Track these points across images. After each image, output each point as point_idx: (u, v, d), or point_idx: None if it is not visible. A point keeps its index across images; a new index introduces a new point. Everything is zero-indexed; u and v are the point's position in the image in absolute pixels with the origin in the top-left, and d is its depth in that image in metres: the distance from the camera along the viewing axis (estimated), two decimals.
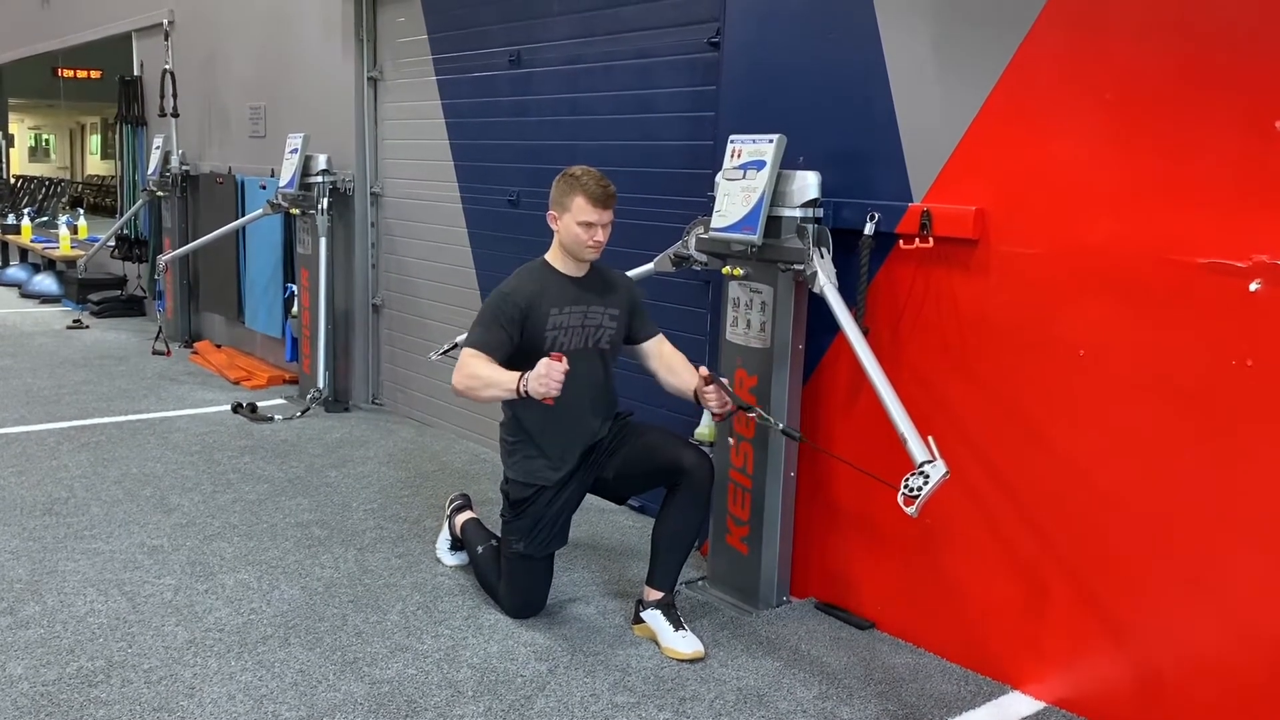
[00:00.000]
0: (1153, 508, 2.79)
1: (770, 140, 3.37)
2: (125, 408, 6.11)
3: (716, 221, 3.52)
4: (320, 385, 6.19)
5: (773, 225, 3.39)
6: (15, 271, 11.55)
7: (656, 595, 3.35)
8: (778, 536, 3.61)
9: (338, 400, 6.34)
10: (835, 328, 3.23)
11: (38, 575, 3.70)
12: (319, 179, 6.12)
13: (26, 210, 13.19)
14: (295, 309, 6.53)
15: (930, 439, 2.80)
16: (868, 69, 3.36)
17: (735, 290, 3.61)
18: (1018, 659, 3.12)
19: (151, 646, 3.20)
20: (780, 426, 3.30)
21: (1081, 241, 2.88)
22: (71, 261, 10.27)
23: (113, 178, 13.43)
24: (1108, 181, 2.82)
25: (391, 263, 6.24)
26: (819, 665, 3.24)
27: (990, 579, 3.17)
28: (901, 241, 3.26)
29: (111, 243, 9.34)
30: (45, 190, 17.73)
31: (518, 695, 3.00)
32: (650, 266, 3.95)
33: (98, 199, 18.82)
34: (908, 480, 2.71)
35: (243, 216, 7.10)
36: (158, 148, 8.26)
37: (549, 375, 3.04)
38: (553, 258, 3.40)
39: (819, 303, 3.31)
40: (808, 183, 3.37)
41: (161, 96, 8.04)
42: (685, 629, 3.30)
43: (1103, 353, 2.85)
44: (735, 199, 3.45)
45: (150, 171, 8.34)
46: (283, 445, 5.43)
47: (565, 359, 3.07)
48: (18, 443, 5.29)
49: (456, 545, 3.89)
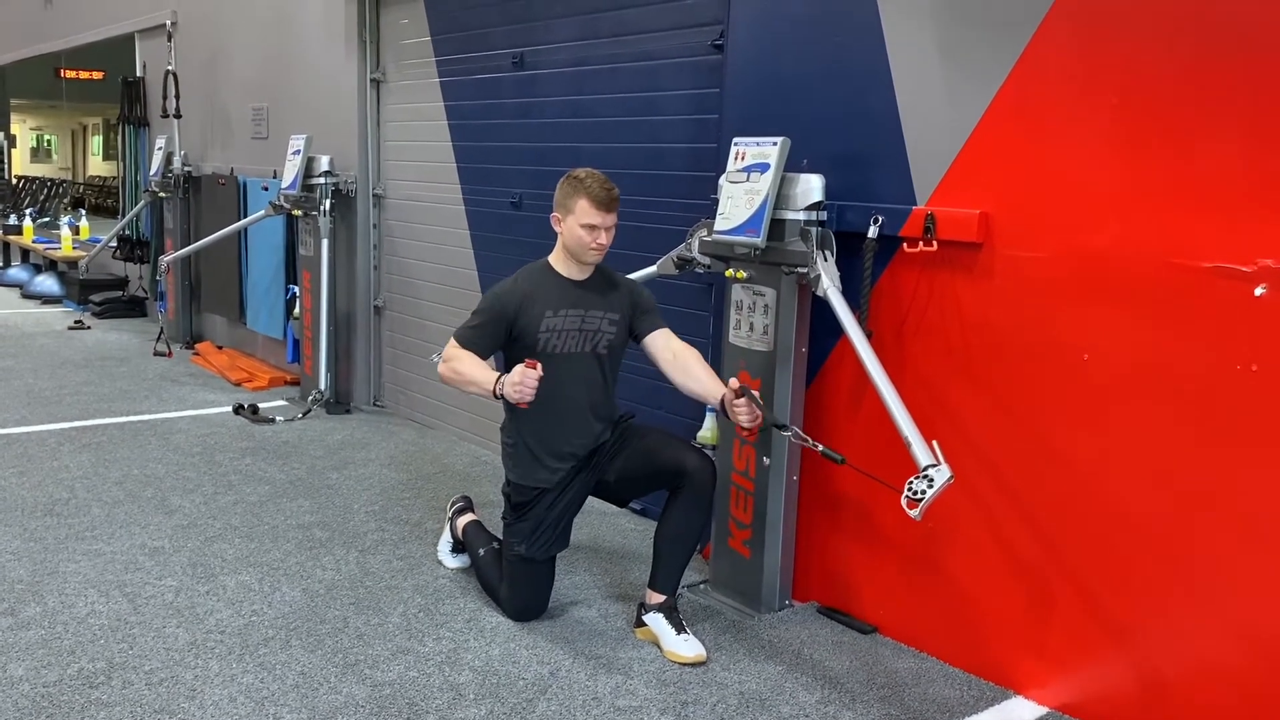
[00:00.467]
0: (1156, 512, 2.78)
1: (774, 143, 3.37)
2: (126, 409, 6.10)
3: (720, 224, 3.52)
4: (322, 387, 6.18)
5: (776, 228, 3.39)
6: (17, 272, 11.55)
7: (658, 598, 3.34)
8: (780, 540, 3.60)
9: (339, 402, 6.34)
10: (839, 331, 3.23)
11: (39, 576, 3.69)
12: (321, 180, 6.12)
13: (28, 211, 13.20)
14: (297, 310, 6.53)
15: (934, 443, 2.80)
16: (872, 72, 3.35)
17: (738, 293, 3.60)
18: (1021, 663, 3.12)
19: (152, 648, 3.20)
20: (820, 448, 3.07)
21: (1086, 245, 2.87)
22: (73, 262, 10.28)
23: (114, 178, 13.43)
24: (1112, 185, 2.81)
25: (393, 264, 6.24)
26: (821, 669, 3.23)
27: (993, 583, 3.16)
28: (905, 245, 3.25)
29: (113, 243, 9.35)
30: (47, 191, 17.75)
31: (519, 698, 2.99)
32: (653, 269, 3.95)
33: (99, 200, 18.82)
34: (911, 484, 2.70)
35: (245, 218, 7.10)
36: (160, 148, 8.26)
37: (522, 383, 3.07)
38: (555, 260, 3.40)
39: (822, 306, 3.31)
40: (811, 186, 3.37)
41: (164, 97, 8.04)
42: (687, 632, 3.29)
43: (1107, 357, 2.85)
44: (739, 202, 3.44)
45: (152, 172, 8.34)
46: (284, 447, 5.43)
47: (540, 367, 3.09)
48: (19, 443, 5.29)
49: (458, 548, 3.89)
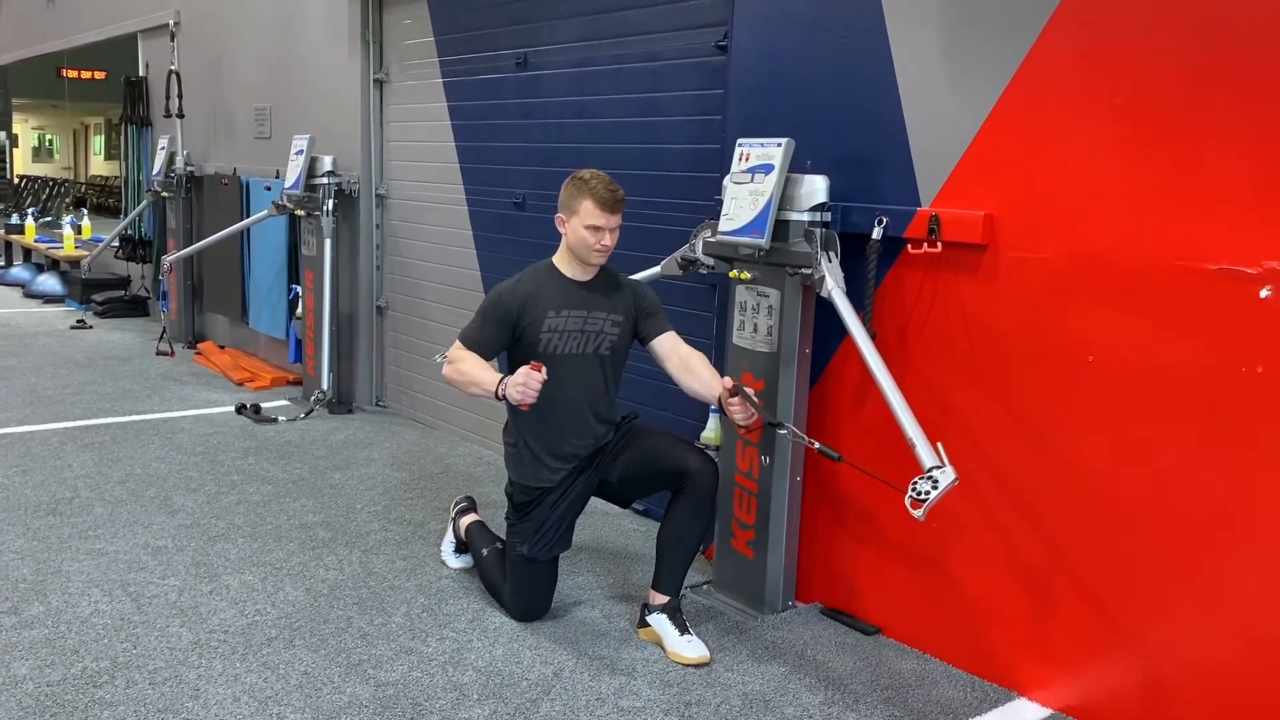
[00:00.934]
0: (1161, 515, 2.78)
1: (778, 144, 3.37)
2: (129, 408, 6.10)
3: (724, 225, 3.52)
4: (324, 387, 6.18)
5: (780, 229, 3.39)
6: (19, 271, 11.55)
7: (662, 599, 3.34)
8: (783, 541, 3.60)
9: (341, 402, 6.34)
10: (843, 332, 3.23)
11: (42, 575, 3.69)
12: (324, 180, 6.12)
13: (30, 210, 13.20)
14: (299, 310, 6.52)
15: (939, 444, 2.80)
16: (876, 72, 3.35)
17: (742, 294, 3.60)
18: (1024, 665, 3.12)
19: (156, 647, 3.20)
20: (816, 445, 3.10)
21: (1091, 247, 2.87)
22: (75, 262, 10.28)
23: (116, 178, 13.42)
24: (1118, 186, 2.81)
25: (396, 264, 6.24)
26: (825, 671, 3.23)
27: (997, 585, 3.16)
28: (910, 246, 3.25)
29: (115, 243, 9.35)
30: (49, 190, 17.74)
31: (523, 699, 2.99)
32: (657, 269, 3.95)
33: (101, 199, 18.82)
34: (916, 485, 2.70)
35: (247, 218, 7.10)
36: (163, 148, 8.27)
37: (526, 384, 3.07)
38: (559, 260, 3.40)
39: (826, 307, 3.31)
40: (816, 187, 3.37)
41: (167, 97, 8.04)
42: (690, 633, 3.29)
43: (1112, 359, 2.85)
44: (743, 202, 3.44)
45: (155, 172, 8.35)
46: (287, 447, 5.43)
47: (544, 369, 3.08)
48: (22, 443, 5.29)
49: (461, 548, 3.89)
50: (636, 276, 3.96)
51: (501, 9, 5.20)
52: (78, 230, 11.14)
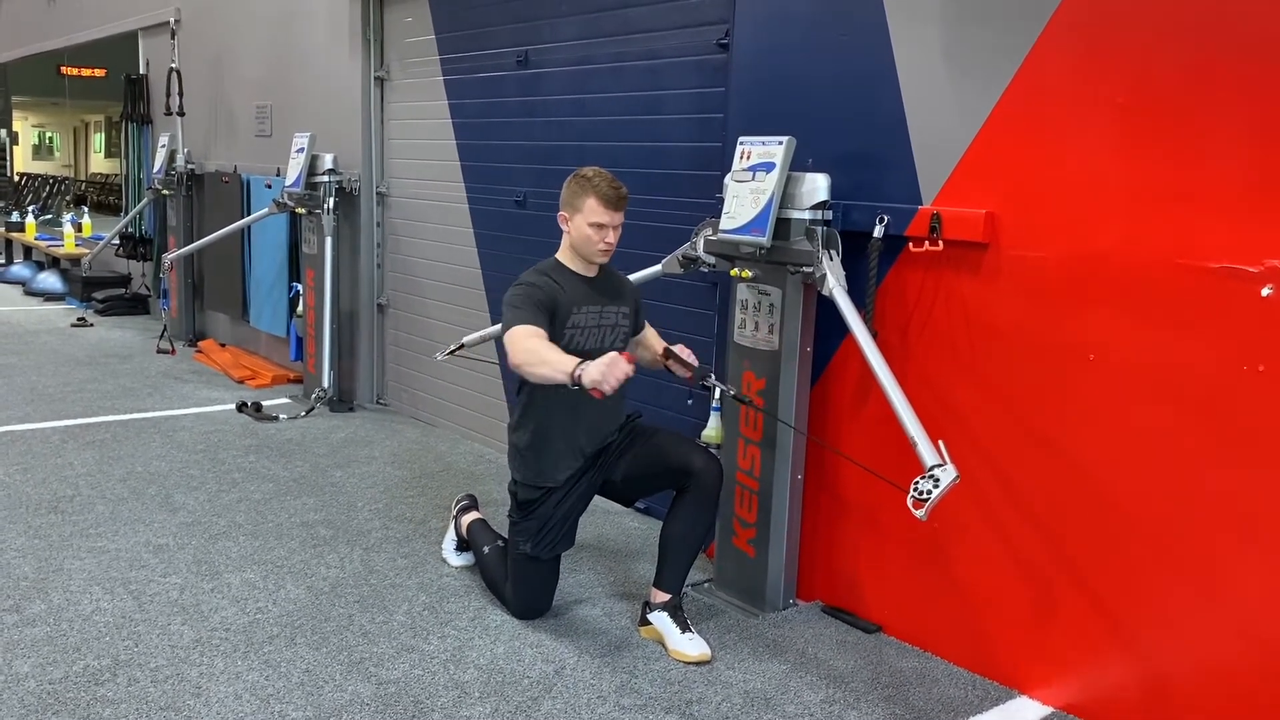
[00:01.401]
0: (1162, 513, 2.78)
1: (779, 142, 3.37)
2: (130, 406, 6.11)
3: (725, 223, 3.52)
4: (325, 385, 6.18)
5: (782, 227, 3.38)
6: (19, 269, 11.55)
7: (663, 597, 3.34)
8: (784, 539, 3.60)
9: (342, 400, 6.34)
10: (844, 330, 3.23)
11: (44, 573, 3.70)
12: (325, 178, 6.12)
13: (31, 208, 13.19)
14: (300, 308, 6.52)
15: (940, 443, 2.80)
16: (878, 71, 3.35)
17: (743, 292, 3.60)
18: (1025, 664, 3.12)
19: (158, 645, 3.20)
20: (731, 392, 3.42)
21: (1092, 245, 2.87)
22: (76, 259, 10.28)
23: (116, 176, 13.42)
24: (1119, 185, 2.81)
25: (397, 263, 6.24)
26: (826, 669, 3.23)
27: (998, 583, 3.16)
28: (911, 244, 3.25)
29: (116, 241, 9.35)
30: (49, 188, 17.72)
31: (524, 697, 2.99)
32: (658, 268, 3.95)
33: (101, 197, 18.80)
34: (917, 483, 2.70)
35: (248, 216, 7.10)
36: (163, 146, 8.26)
37: (611, 370, 2.88)
38: (565, 258, 3.39)
39: (827, 305, 3.31)
40: (817, 185, 3.37)
41: (167, 95, 8.03)
42: (692, 631, 3.29)
43: (1113, 357, 2.85)
44: (744, 201, 3.44)
45: (155, 170, 8.35)
46: (288, 445, 5.43)
47: (634, 364, 2.96)
48: (23, 440, 5.29)
49: (462, 546, 3.89)
50: (638, 275, 3.97)
51: (502, 7, 5.19)
52: (78, 228, 11.14)
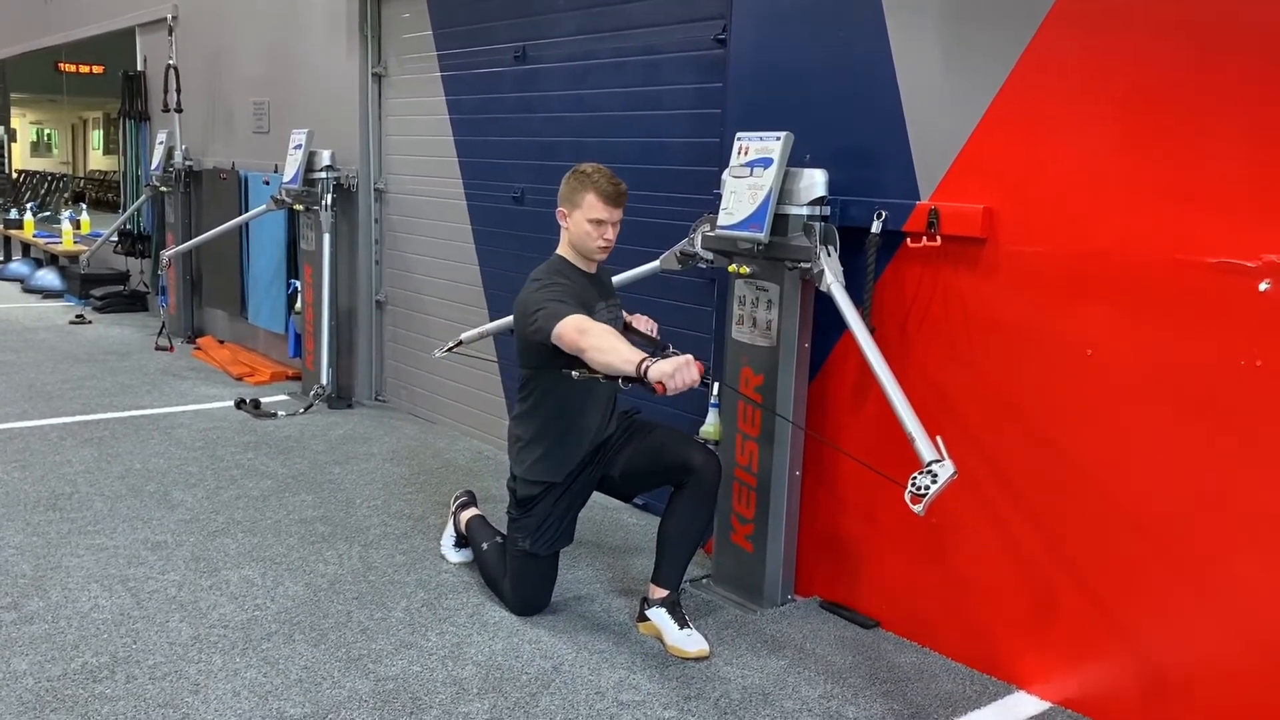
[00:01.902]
0: (1160, 508, 2.78)
1: (777, 138, 3.36)
2: (128, 403, 6.10)
3: (723, 219, 3.51)
4: (323, 381, 6.18)
5: (779, 223, 3.38)
6: (18, 266, 11.54)
7: (662, 593, 3.34)
8: (783, 535, 3.60)
9: (341, 396, 6.34)
10: (842, 326, 3.23)
11: (42, 571, 3.70)
12: (323, 175, 6.11)
13: (29, 205, 13.18)
14: (298, 305, 6.52)
15: (938, 438, 2.80)
16: (875, 66, 3.35)
17: (741, 288, 3.60)
18: (1023, 659, 3.12)
19: (156, 642, 3.20)
20: (685, 357, 3.10)
21: (1090, 241, 2.87)
22: (74, 257, 10.27)
23: (114, 173, 13.43)
24: (1117, 180, 2.81)
25: (395, 259, 6.23)
26: (824, 664, 3.23)
27: (997, 578, 3.16)
28: (909, 240, 3.25)
29: (114, 238, 9.34)
30: (48, 185, 17.71)
31: (522, 693, 2.99)
32: (656, 264, 3.95)
33: (100, 194, 18.80)
34: (915, 479, 2.69)
35: (246, 212, 7.10)
36: (161, 143, 8.25)
37: (683, 370, 2.77)
38: (568, 255, 3.38)
39: (825, 301, 3.31)
40: (815, 180, 3.36)
41: (165, 92, 8.02)
42: (690, 627, 3.29)
43: (1111, 352, 2.85)
44: (742, 196, 3.44)
45: (154, 167, 8.34)
46: (286, 441, 5.43)
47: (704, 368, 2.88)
48: (21, 438, 5.29)
49: (461, 542, 3.89)
50: (635, 271, 3.97)
51: (500, 2, 5.18)
52: (76, 225, 11.14)
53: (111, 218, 10.64)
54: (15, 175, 17.71)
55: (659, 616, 3.32)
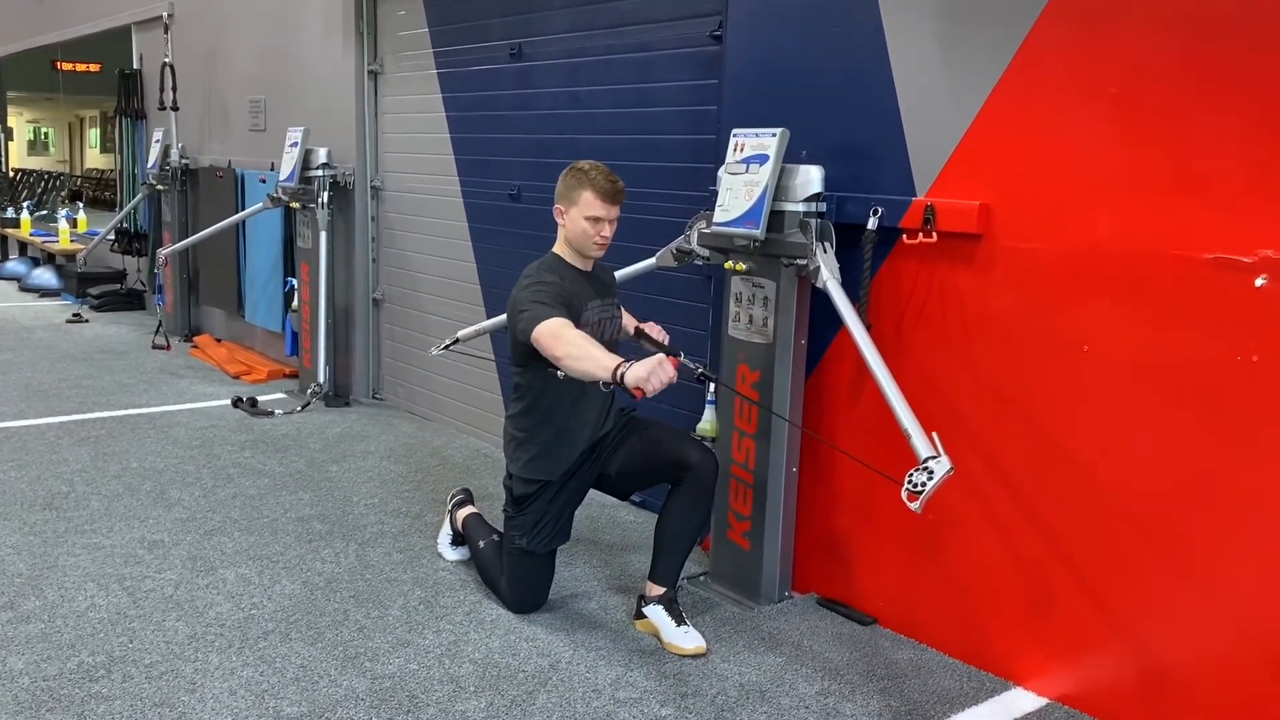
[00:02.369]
0: (1156, 504, 2.78)
1: (773, 134, 3.36)
2: (125, 402, 6.10)
3: (719, 216, 3.51)
4: (320, 380, 6.18)
5: (775, 220, 3.38)
6: (14, 265, 11.53)
7: (659, 590, 3.34)
8: (780, 532, 3.60)
9: (338, 395, 6.33)
10: (838, 323, 3.23)
11: (38, 570, 3.69)
12: (319, 173, 6.11)
13: (25, 204, 13.16)
14: (295, 303, 6.52)
15: (934, 434, 2.79)
16: (871, 62, 3.34)
17: (737, 285, 3.59)
18: (1021, 655, 3.12)
19: (152, 641, 3.20)
20: (699, 370, 3.17)
21: (1086, 236, 2.87)
22: (71, 255, 10.26)
23: (112, 171, 13.39)
24: (1113, 176, 2.80)
25: (392, 257, 6.23)
26: (821, 661, 3.23)
27: (993, 575, 3.16)
28: (905, 236, 3.24)
29: (111, 236, 9.33)
30: (44, 184, 17.68)
31: (519, 691, 2.99)
32: (652, 261, 3.94)
33: (97, 193, 18.75)
34: (911, 476, 2.69)
35: (243, 210, 7.09)
36: (157, 141, 8.25)
37: (657, 371, 2.77)
38: (564, 253, 3.38)
39: (822, 298, 3.30)
40: (811, 177, 3.36)
41: (161, 90, 8.02)
42: (687, 624, 3.29)
43: (1107, 348, 2.84)
44: (738, 193, 3.43)
45: (150, 165, 8.33)
46: (283, 440, 5.43)
47: (679, 366, 2.87)
48: (17, 437, 5.29)
49: (458, 540, 3.89)
50: (631, 268, 3.96)
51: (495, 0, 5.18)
52: (73, 224, 11.12)
53: (108, 216, 10.63)
54: (12, 174, 17.68)
55: (656, 614, 3.32)
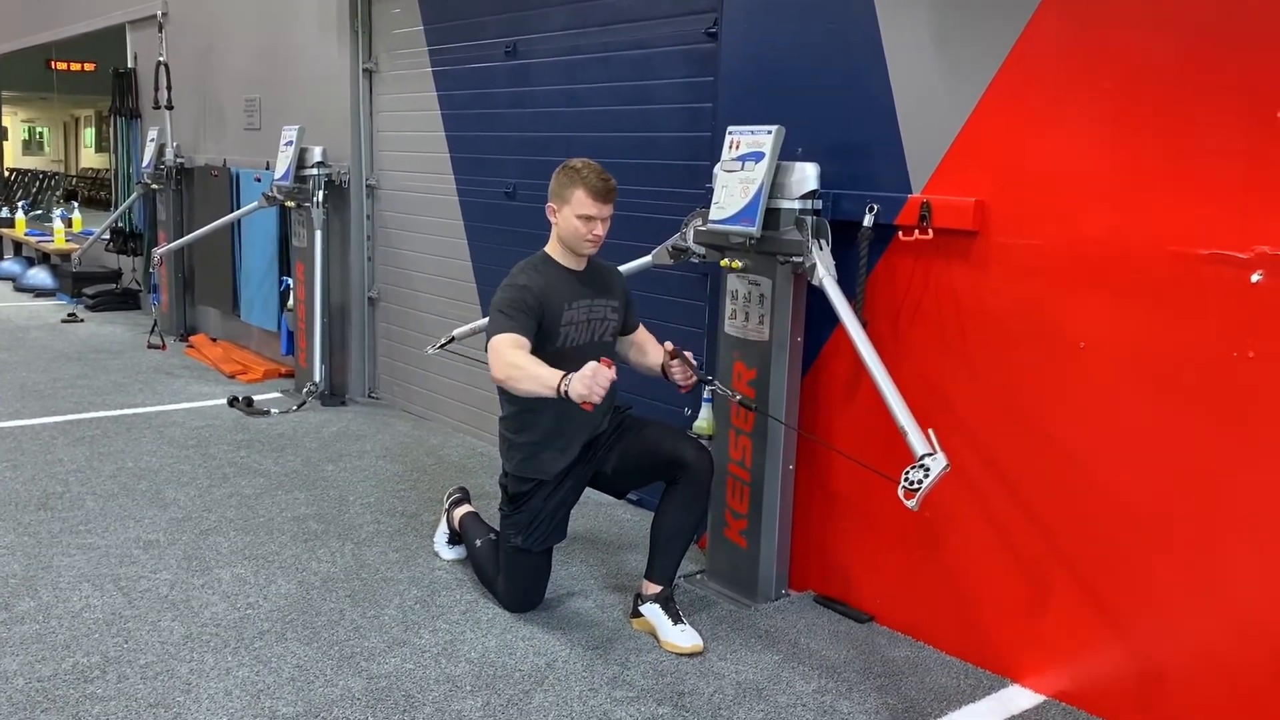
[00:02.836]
0: (1153, 500, 2.78)
1: (769, 131, 3.35)
2: (120, 402, 6.08)
3: (715, 214, 3.50)
4: (316, 379, 6.17)
5: (771, 217, 3.37)
6: (9, 265, 11.50)
7: (655, 589, 3.34)
8: (776, 530, 3.60)
9: (334, 394, 6.32)
10: (834, 320, 3.22)
11: (33, 570, 3.68)
12: (314, 171, 6.10)
13: (20, 203, 13.13)
14: (291, 302, 6.50)
15: (930, 431, 2.79)
16: (867, 59, 3.34)
17: (734, 283, 3.59)
18: (1018, 652, 3.12)
19: (147, 642, 3.19)
20: (738, 398, 3.36)
21: (1082, 233, 2.86)
22: (66, 255, 10.24)
23: (107, 171, 13.37)
24: (1108, 172, 2.80)
25: (387, 256, 6.22)
26: (818, 659, 3.23)
27: (990, 572, 3.16)
28: (901, 233, 3.24)
29: (106, 236, 9.31)
30: (39, 183, 17.65)
31: (516, 690, 2.98)
32: (648, 259, 3.93)
33: (92, 192, 18.72)
34: (908, 473, 2.69)
35: (238, 209, 7.07)
36: (152, 140, 8.23)
37: (595, 379, 2.82)
38: (554, 252, 3.37)
39: (818, 295, 3.30)
40: (806, 174, 3.35)
41: (156, 89, 8.00)
42: (684, 623, 3.29)
43: (1103, 345, 2.84)
44: (734, 191, 3.43)
45: (145, 164, 8.31)
46: (279, 439, 5.42)
47: (614, 367, 2.89)
48: (12, 437, 5.27)
49: (454, 539, 3.88)
50: (627, 266, 3.95)
51: None
52: (68, 223, 11.09)
53: (103, 215, 10.59)
54: (7, 173, 17.65)
55: (653, 612, 3.31)
